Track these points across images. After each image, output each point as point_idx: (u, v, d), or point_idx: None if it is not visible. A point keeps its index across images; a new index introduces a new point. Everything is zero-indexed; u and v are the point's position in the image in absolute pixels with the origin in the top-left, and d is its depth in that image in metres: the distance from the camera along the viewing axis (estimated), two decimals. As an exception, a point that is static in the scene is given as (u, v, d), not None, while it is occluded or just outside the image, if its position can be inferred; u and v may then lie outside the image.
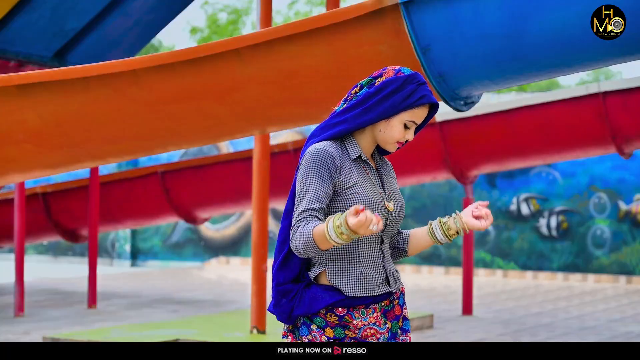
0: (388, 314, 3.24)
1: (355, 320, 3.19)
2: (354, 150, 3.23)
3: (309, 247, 3.06)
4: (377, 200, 3.20)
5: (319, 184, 3.13)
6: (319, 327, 3.20)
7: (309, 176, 3.14)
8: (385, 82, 3.20)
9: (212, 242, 17.75)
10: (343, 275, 3.19)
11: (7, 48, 9.49)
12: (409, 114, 3.20)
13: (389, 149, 3.27)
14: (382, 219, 2.99)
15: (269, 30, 5.96)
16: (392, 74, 3.23)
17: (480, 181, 15.34)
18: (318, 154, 3.15)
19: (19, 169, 7.16)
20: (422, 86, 3.21)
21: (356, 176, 3.19)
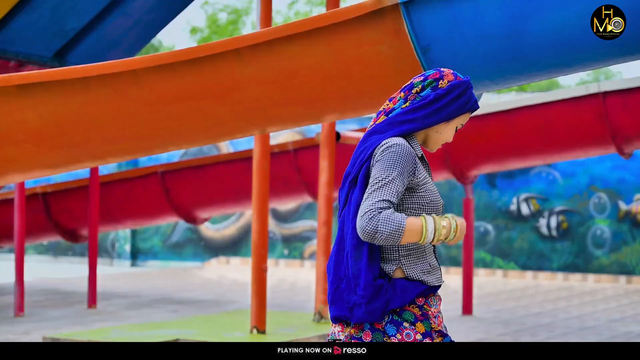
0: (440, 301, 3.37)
1: (432, 308, 3.27)
2: (417, 148, 3.33)
3: (394, 235, 3.12)
4: (439, 196, 3.34)
5: (399, 180, 3.19)
6: (410, 322, 3.23)
7: (392, 169, 3.19)
8: (453, 85, 3.32)
9: (212, 242, 17.75)
10: (419, 268, 3.26)
11: (7, 48, 9.49)
12: (463, 118, 3.36)
13: (433, 150, 3.39)
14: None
15: (269, 30, 5.96)
16: (453, 77, 3.36)
17: (480, 181, 15.35)
18: (402, 150, 3.22)
19: (19, 169, 7.16)
20: (468, 92, 3.37)
21: (424, 173, 3.30)
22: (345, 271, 3.25)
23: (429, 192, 3.28)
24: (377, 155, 3.24)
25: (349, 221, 3.26)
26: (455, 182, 14.19)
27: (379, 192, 3.17)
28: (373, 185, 3.18)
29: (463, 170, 10.12)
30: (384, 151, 3.23)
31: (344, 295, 3.23)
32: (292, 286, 13.82)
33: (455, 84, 3.32)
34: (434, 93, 3.31)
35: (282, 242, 17.12)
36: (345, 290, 3.24)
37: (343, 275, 3.25)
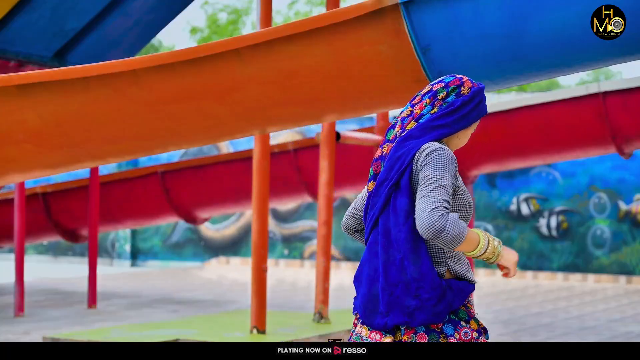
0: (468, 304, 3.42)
1: (472, 307, 3.36)
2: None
3: (456, 240, 3.18)
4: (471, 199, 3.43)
5: (450, 184, 3.25)
6: (465, 320, 3.28)
7: (444, 171, 3.25)
8: (475, 91, 3.42)
9: (212, 242, 17.75)
10: (463, 267, 3.33)
11: (7, 48, 9.49)
12: (475, 125, 3.47)
13: (454, 148, 3.46)
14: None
15: (269, 30, 5.96)
16: (471, 84, 3.44)
17: (480, 181, 15.35)
18: (448, 154, 3.29)
19: (19, 169, 7.16)
20: (482, 93, 3.48)
21: (459, 176, 3.39)
22: (398, 277, 3.24)
23: (465, 194, 3.37)
24: (422, 159, 3.29)
25: (397, 226, 3.27)
26: (455, 182, 14.18)
27: (438, 192, 3.21)
28: (429, 186, 3.22)
29: (463, 170, 10.12)
30: (429, 154, 3.28)
31: (401, 300, 3.23)
32: (292, 286, 13.82)
33: (476, 90, 3.42)
34: (460, 99, 3.39)
35: (282, 242, 17.12)
36: (402, 295, 3.23)
37: (397, 282, 3.24)
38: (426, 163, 3.26)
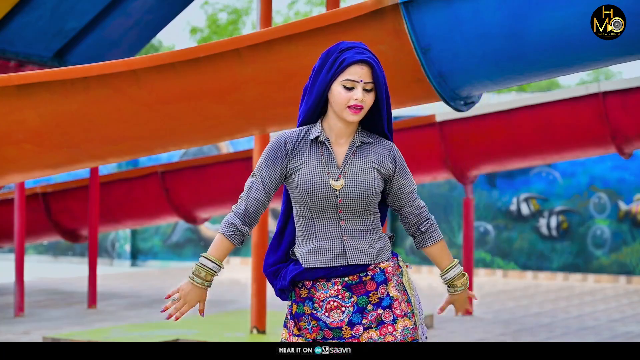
0: (354, 288, 3.42)
1: (317, 292, 3.43)
2: (313, 133, 3.48)
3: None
4: (320, 179, 3.44)
5: (258, 172, 3.47)
6: (290, 302, 3.49)
7: (260, 162, 3.49)
8: (314, 68, 3.49)
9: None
10: (301, 249, 3.48)
11: (7, 48, 9.48)
12: (342, 77, 3.42)
13: (347, 118, 3.44)
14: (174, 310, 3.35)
15: (269, 30, 5.96)
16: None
17: (480, 181, 15.34)
18: (271, 141, 3.51)
19: (19, 169, 7.16)
20: (345, 52, 3.45)
21: (307, 157, 3.46)
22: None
23: (301, 175, 3.46)
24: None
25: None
26: (455, 182, 14.19)
27: (245, 188, 3.58)
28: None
29: (463, 170, 10.11)
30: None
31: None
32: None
33: (315, 65, 3.47)
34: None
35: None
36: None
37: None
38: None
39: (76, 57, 9.98)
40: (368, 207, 3.46)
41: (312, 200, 3.43)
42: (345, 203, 3.44)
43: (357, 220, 3.46)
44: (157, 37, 26.07)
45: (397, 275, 3.47)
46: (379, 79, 3.44)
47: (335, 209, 3.45)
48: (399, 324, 3.38)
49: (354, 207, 3.45)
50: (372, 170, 3.47)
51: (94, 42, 10.04)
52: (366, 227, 3.47)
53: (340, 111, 3.43)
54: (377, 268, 3.45)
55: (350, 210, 3.45)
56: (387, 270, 3.45)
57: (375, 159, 3.49)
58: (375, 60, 3.46)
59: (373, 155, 3.49)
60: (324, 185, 3.43)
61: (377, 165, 3.48)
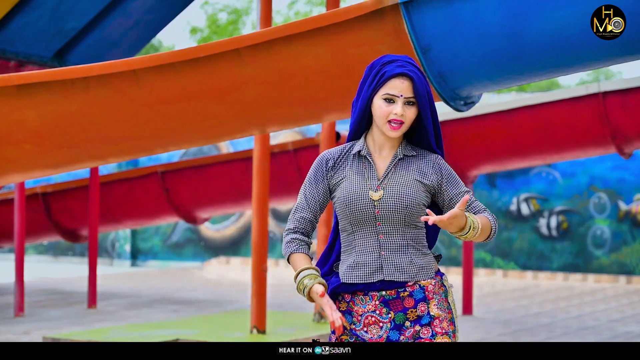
0: (391, 303, 3.37)
1: (356, 307, 3.40)
2: (356, 148, 3.47)
3: (287, 258, 3.50)
4: (360, 191, 3.41)
5: (304, 192, 3.50)
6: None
7: (305, 183, 3.52)
8: (366, 71, 3.46)
9: (212, 242, 17.74)
10: (343, 264, 3.44)
11: (7, 48, 9.49)
12: (382, 91, 3.39)
13: (387, 133, 3.41)
14: (337, 323, 3.29)
15: (269, 30, 5.96)
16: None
17: (480, 181, 15.34)
18: (316, 160, 3.51)
19: (19, 169, 7.16)
20: (386, 65, 3.41)
21: (349, 171, 3.45)
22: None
23: (343, 188, 3.45)
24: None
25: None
26: (455, 182, 14.17)
27: (294, 209, 3.58)
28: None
29: (463, 170, 10.11)
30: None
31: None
32: (292, 286, 13.82)
33: (368, 68, 3.44)
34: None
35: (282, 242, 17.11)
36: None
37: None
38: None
39: (76, 57, 9.98)
40: (409, 220, 3.39)
41: (352, 212, 3.38)
42: (383, 215, 3.37)
43: (397, 234, 3.39)
44: (157, 37, 26.07)
45: (439, 294, 3.39)
46: (420, 93, 3.37)
47: (374, 222, 3.38)
48: (437, 340, 3.31)
49: (392, 220, 3.38)
50: (414, 182, 3.40)
51: (94, 42, 10.04)
52: (406, 241, 3.40)
53: (381, 125, 3.39)
54: (416, 285, 3.37)
55: (389, 222, 3.38)
56: (427, 288, 3.38)
57: (417, 172, 3.43)
58: (418, 74, 3.39)
59: (416, 167, 3.44)
60: (363, 197, 3.39)
61: (420, 177, 3.42)
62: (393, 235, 3.39)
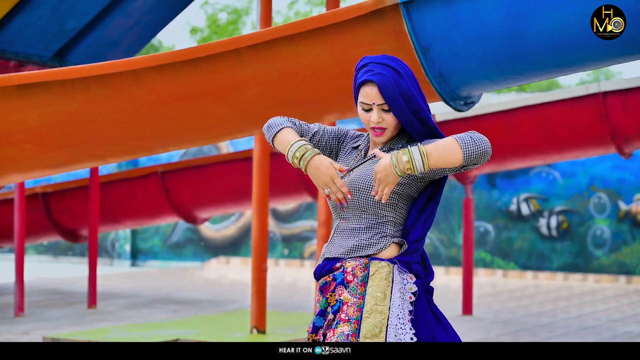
0: (322, 289, 3.36)
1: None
2: (361, 141, 3.50)
3: (267, 129, 3.45)
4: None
5: (331, 127, 3.53)
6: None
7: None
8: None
9: (212, 242, 17.74)
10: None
11: (7, 48, 9.48)
12: (359, 99, 3.40)
13: (374, 140, 3.42)
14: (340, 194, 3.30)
15: (269, 30, 5.96)
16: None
17: (480, 181, 15.34)
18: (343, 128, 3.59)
19: (19, 169, 7.16)
20: (360, 70, 3.39)
21: (343, 158, 3.50)
22: None
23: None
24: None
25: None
26: (455, 182, 14.19)
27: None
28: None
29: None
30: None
31: None
32: (292, 286, 13.82)
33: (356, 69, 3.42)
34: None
35: (282, 242, 17.12)
36: None
37: None
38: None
39: (76, 57, 9.98)
40: (367, 207, 3.34)
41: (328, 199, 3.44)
42: (350, 204, 3.38)
43: (354, 220, 3.37)
44: (157, 37, 26.07)
45: (359, 277, 3.27)
46: (389, 95, 3.30)
47: (340, 208, 3.40)
48: (337, 329, 3.24)
49: (352, 205, 3.36)
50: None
51: (94, 42, 10.04)
52: (359, 226, 3.36)
53: (368, 130, 3.43)
54: (341, 267, 3.33)
55: (351, 209, 3.38)
56: (346, 271, 3.30)
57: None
58: (384, 75, 3.30)
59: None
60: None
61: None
62: (351, 220, 3.38)
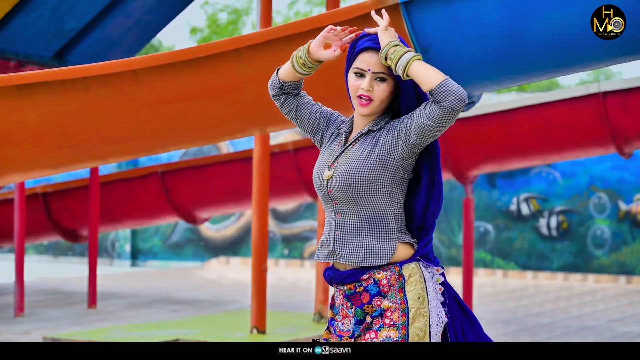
0: (352, 298, 3.30)
1: (336, 299, 3.37)
2: (343, 126, 3.43)
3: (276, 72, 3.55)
4: (318, 169, 3.37)
5: (326, 113, 3.49)
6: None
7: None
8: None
9: (212, 242, 17.74)
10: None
11: (7, 48, 9.49)
12: (353, 65, 3.33)
13: (357, 110, 3.33)
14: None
15: (269, 30, 5.96)
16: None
17: (480, 181, 15.34)
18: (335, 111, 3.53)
19: (19, 169, 7.16)
20: (361, 39, 3.35)
21: (326, 146, 3.42)
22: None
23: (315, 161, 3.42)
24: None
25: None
26: (455, 182, 14.19)
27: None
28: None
29: (463, 170, 10.11)
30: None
31: None
32: (292, 286, 13.82)
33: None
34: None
35: (282, 242, 17.12)
36: None
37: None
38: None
39: (76, 57, 9.98)
40: (361, 200, 3.24)
41: (315, 187, 3.35)
42: (335, 194, 3.28)
43: (351, 214, 3.27)
44: (157, 37, 26.07)
45: (395, 285, 3.24)
46: (390, 67, 3.22)
47: (332, 201, 3.30)
48: (382, 332, 3.21)
49: (345, 199, 3.26)
50: (367, 159, 3.25)
51: (94, 42, 10.04)
52: (361, 223, 3.26)
53: (353, 101, 3.30)
54: (371, 279, 3.26)
55: (343, 202, 3.27)
56: (380, 282, 3.25)
57: (375, 145, 3.27)
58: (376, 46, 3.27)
59: (374, 141, 3.28)
60: (319, 176, 3.34)
61: (378, 150, 3.25)
62: (348, 215, 3.28)
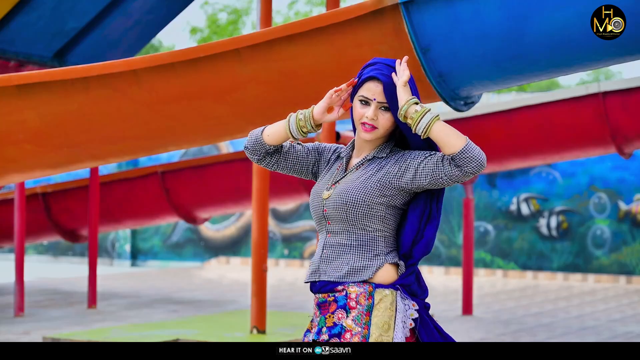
0: (322, 306, 3.30)
1: (314, 309, 3.37)
2: (344, 150, 3.47)
3: (251, 135, 3.52)
4: (318, 190, 3.40)
5: (313, 146, 3.51)
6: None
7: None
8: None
9: (212, 242, 17.74)
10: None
11: (7, 48, 9.49)
12: (359, 93, 3.37)
13: (361, 135, 3.36)
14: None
15: (269, 30, 5.96)
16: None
17: (480, 181, 15.34)
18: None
19: (19, 169, 7.16)
20: (368, 67, 3.39)
21: (326, 171, 3.44)
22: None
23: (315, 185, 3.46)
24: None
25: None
26: (455, 182, 14.16)
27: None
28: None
29: (463, 170, 10.09)
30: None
31: None
32: (292, 286, 13.82)
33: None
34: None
35: (282, 242, 17.12)
36: None
37: None
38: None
39: (76, 57, 9.98)
40: (354, 220, 3.27)
41: (311, 210, 3.37)
42: (330, 214, 3.30)
43: (343, 234, 3.29)
44: (157, 37, 26.07)
45: (362, 306, 3.21)
46: (392, 98, 3.28)
47: (325, 221, 3.32)
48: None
49: (339, 219, 3.28)
50: (367, 182, 3.29)
51: (94, 42, 10.04)
52: (351, 242, 3.28)
53: (357, 127, 3.36)
54: (344, 291, 3.25)
55: (337, 222, 3.29)
56: (350, 296, 3.23)
57: (379, 171, 3.31)
58: (390, 80, 3.30)
59: (378, 168, 3.31)
60: (317, 196, 3.36)
61: (380, 176, 3.29)
62: (339, 235, 3.30)
